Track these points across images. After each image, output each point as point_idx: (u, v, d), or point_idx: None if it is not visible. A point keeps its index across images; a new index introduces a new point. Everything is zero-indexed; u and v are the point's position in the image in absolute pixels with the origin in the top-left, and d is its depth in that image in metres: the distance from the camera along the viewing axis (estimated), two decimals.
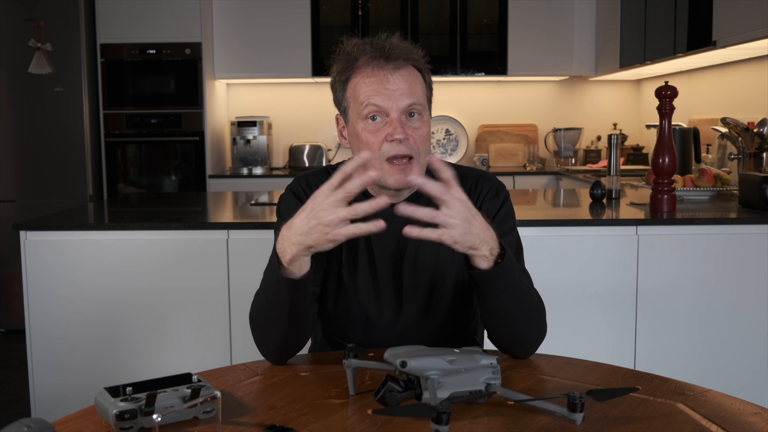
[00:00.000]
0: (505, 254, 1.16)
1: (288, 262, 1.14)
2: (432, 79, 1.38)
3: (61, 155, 4.32)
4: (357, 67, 1.30)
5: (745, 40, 2.94)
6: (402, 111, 1.28)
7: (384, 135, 1.27)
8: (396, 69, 1.28)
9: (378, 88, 1.27)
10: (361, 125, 1.30)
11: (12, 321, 4.31)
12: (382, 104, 1.27)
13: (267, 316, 1.24)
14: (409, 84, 1.29)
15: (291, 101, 5.10)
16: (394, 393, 1.04)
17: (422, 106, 1.31)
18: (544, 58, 4.81)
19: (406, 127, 1.27)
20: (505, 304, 1.22)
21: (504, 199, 1.40)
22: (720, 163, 3.46)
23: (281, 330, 1.24)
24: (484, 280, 1.18)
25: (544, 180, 4.71)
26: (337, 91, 1.35)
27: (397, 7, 4.76)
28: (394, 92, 1.27)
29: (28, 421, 0.81)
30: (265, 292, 1.23)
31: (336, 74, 1.34)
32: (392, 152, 1.27)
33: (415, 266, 1.38)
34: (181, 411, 0.95)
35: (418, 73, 1.32)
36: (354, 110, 1.31)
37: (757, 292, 2.36)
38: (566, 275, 2.36)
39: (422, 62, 1.34)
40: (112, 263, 2.37)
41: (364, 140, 1.29)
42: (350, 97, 1.32)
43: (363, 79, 1.29)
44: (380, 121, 1.28)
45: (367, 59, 1.29)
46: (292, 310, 1.21)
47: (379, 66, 1.28)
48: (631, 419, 1.03)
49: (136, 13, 4.42)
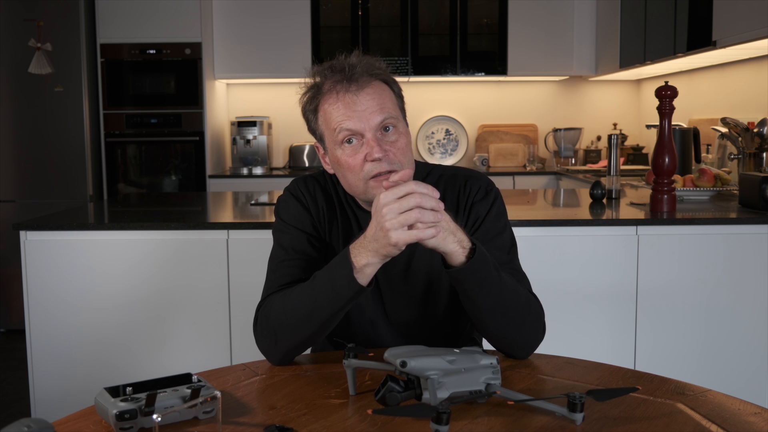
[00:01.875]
0: (476, 249, 1.18)
1: (361, 266, 1.17)
2: (400, 86, 1.38)
3: (61, 155, 4.32)
4: (323, 94, 1.31)
5: (745, 40, 2.94)
6: (375, 129, 1.28)
7: (363, 156, 1.28)
8: (360, 89, 1.28)
9: (347, 112, 1.28)
10: (339, 151, 1.30)
11: (12, 321, 4.31)
12: (354, 127, 1.27)
13: (306, 318, 1.24)
14: (377, 100, 1.29)
15: (291, 101, 4.98)
16: (394, 393, 1.04)
17: (395, 118, 1.31)
18: (544, 58, 4.81)
19: (383, 143, 1.28)
20: (487, 300, 1.23)
21: (494, 198, 1.40)
22: (720, 163, 3.46)
23: (309, 333, 1.25)
24: (459, 277, 1.19)
25: (544, 180, 4.71)
26: (311, 121, 1.36)
27: (397, 7, 4.76)
28: (364, 112, 1.27)
29: (28, 421, 0.81)
30: (316, 295, 1.23)
31: (305, 104, 1.35)
32: (374, 171, 1.28)
33: (411, 269, 1.39)
34: (181, 411, 0.95)
35: (385, 86, 1.32)
36: (329, 137, 1.32)
37: (757, 292, 2.36)
38: (566, 275, 2.36)
39: (386, 74, 1.33)
40: (112, 263, 2.37)
41: (345, 165, 1.30)
42: (323, 125, 1.33)
43: (331, 105, 1.30)
44: (357, 143, 1.29)
45: (331, 84, 1.30)
46: (337, 315, 1.23)
47: (344, 89, 1.28)
48: (631, 419, 1.03)
49: (136, 13, 4.42)
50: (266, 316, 1.29)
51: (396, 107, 1.33)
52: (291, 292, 1.28)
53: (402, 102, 1.37)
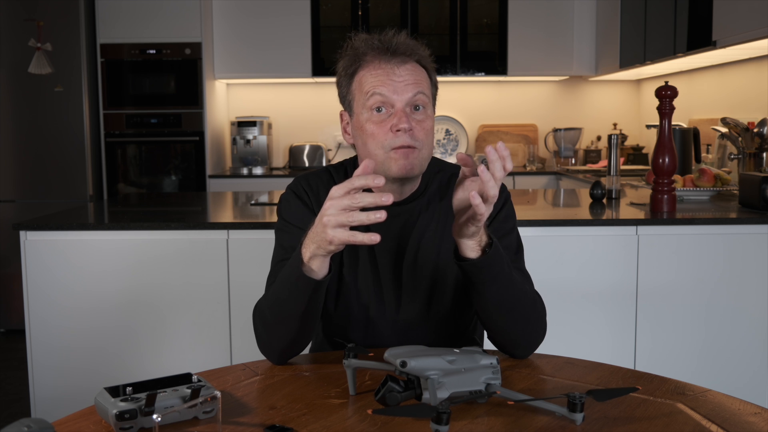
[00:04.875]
0: (492, 243, 1.18)
1: (307, 260, 1.15)
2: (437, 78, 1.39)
3: (61, 155, 4.32)
4: (364, 62, 1.32)
5: (745, 40, 2.94)
6: (407, 102, 1.29)
7: (389, 126, 1.28)
8: (402, 63, 1.30)
9: (383, 79, 1.29)
10: (365, 116, 1.31)
11: (12, 321, 4.31)
12: (387, 94, 1.28)
13: (279, 313, 1.24)
14: (414, 77, 1.30)
15: (291, 101, 5.10)
16: (394, 393, 1.04)
17: (427, 98, 1.32)
18: (544, 58, 4.81)
19: (410, 118, 1.29)
20: (497, 296, 1.23)
21: (505, 199, 1.40)
22: (720, 163, 3.46)
23: (290, 329, 1.24)
24: (473, 270, 1.19)
25: (544, 180, 4.71)
26: (343, 85, 1.36)
27: (397, 7, 4.76)
28: (400, 83, 1.28)
29: (28, 421, 0.81)
30: (281, 290, 1.22)
31: (342, 69, 1.35)
32: (397, 143, 1.28)
33: (416, 265, 1.38)
34: (181, 411, 0.95)
35: (423, 70, 1.34)
36: (359, 102, 1.32)
37: (757, 292, 2.36)
38: (566, 275, 2.36)
39: (428, 60, 1.35)
40: (112, 263, 2.37)
41: (368, 131, 1.30)
42: (355, 89, 1.33)
43: (369, 71, 1.31)
44: (385, 113, 1.29)
45: (374, 54, 1.31)
46: (307, 310, 1.21)
47: (386, 60, 1.30)
48: (631, 419, 1.03)
49: (136, 13, 4.42)
50: (258, 315, 1.30)
51: (429, 91, 1.34)
52: (271, 289, 1.28)
53: (436, 91, 1.38)
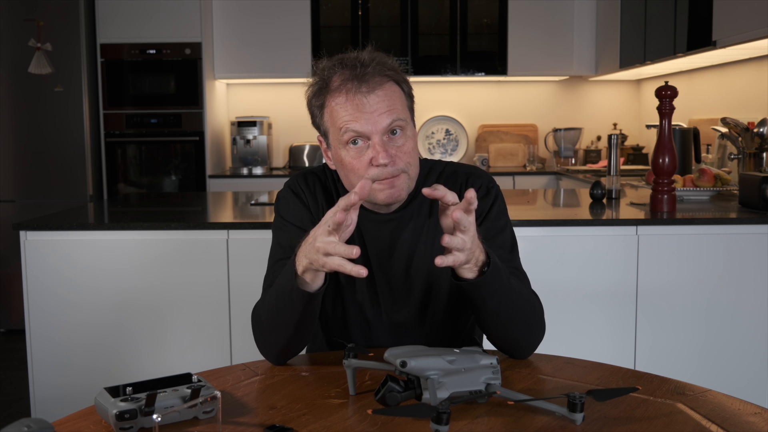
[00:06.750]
0: (490, 263, 1.15)
1: (301, 272, 1.15)
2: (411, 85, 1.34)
3: (61, 155, 4.32)
4: (330, 91, 1.26)
5: (745, 40, 2.94)
6: (383, 132, 1.23)
7: (368, 159, 1.24)
8: (370, 91, 1.23)
9: (354, 113, 1.23)
10: (343, 152, 1.26)
11: (12, 321, 4.31)
12: (361, 129, 1.23)
13: (274, 321, 1.24)
14: (387, 102, 1.24)
15: (291, 101, 5.10)
16: (394, 393, 1.04)
17: (404, 121, 1.26)
18: (544, 58, 4.81)
19: (389, 147, 1.24)
20: (496, 308, 1.22)
21: (495, 196, 1.38)
22: (720, 163, 3.46)
23: (286, 335, 1.24)
24: (471, 289, 1.18)
25: (544, 180, 4.71)
26: (315, 115, 1.32)
27: (397, 7, 4.76)
28: (372, 114, 1.23)
29: (28, 421, 0.81)
30: (276, 299, 1.22)
31: (311, 98, 1.31)
32: (381, 177, 1.24)
33: (410, 270, 1.37)
34: (181, 411, 0.95)
35: (396, 86, 1.28)
36: (334, 136, 1.28)
37: (757, 292, 2.36)
38: (566, 275, 2.36)
39: (398, 73, 1.28)
40: (112, 263, 2.37)
41: (348, 166, 1.27)
42: (328, 122, 1.28)
43: (338, 104, 1.25)
44: (362, 145, 1.24)
45: (340, 81, 1.24)
46: (302, 319, 1.21)
47: (354, 89, 1.23)
48: (631, 419, 1.03)
49: (136, 13, 4.42)
50: (255, 319, 1.30)
51: (405, 108, 1.29)
52: (266, 294, 1.28)
53: (412, 102, 1.33)
